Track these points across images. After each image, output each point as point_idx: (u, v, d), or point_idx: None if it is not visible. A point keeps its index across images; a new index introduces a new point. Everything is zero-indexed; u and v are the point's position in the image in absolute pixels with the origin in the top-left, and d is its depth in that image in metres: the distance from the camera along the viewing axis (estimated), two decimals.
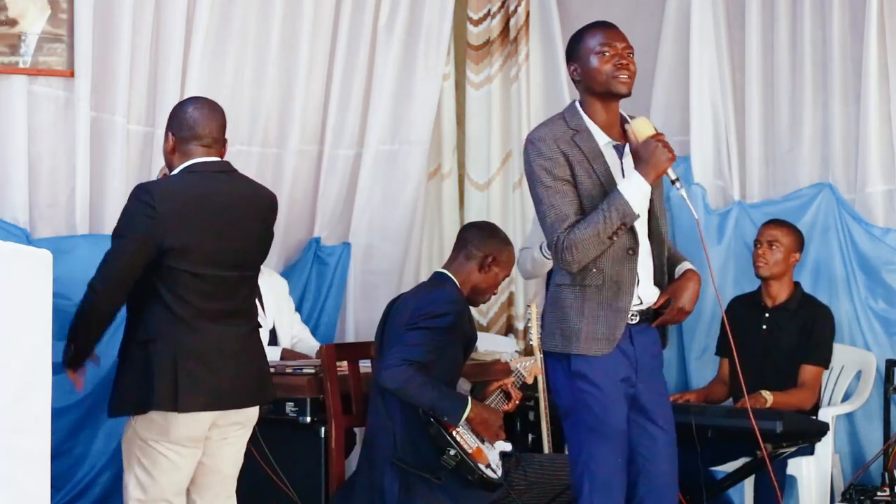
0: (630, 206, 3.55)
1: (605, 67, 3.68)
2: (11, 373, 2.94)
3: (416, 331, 4.12)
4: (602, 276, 3.61)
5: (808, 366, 5.05)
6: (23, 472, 2.95)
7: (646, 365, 3.70)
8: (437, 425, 4.07)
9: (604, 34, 3.74)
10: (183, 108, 3.88)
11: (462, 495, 4.13)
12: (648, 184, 3.58)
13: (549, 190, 3.62)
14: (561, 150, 3.63)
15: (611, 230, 3.55)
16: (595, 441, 3.62)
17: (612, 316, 3.61)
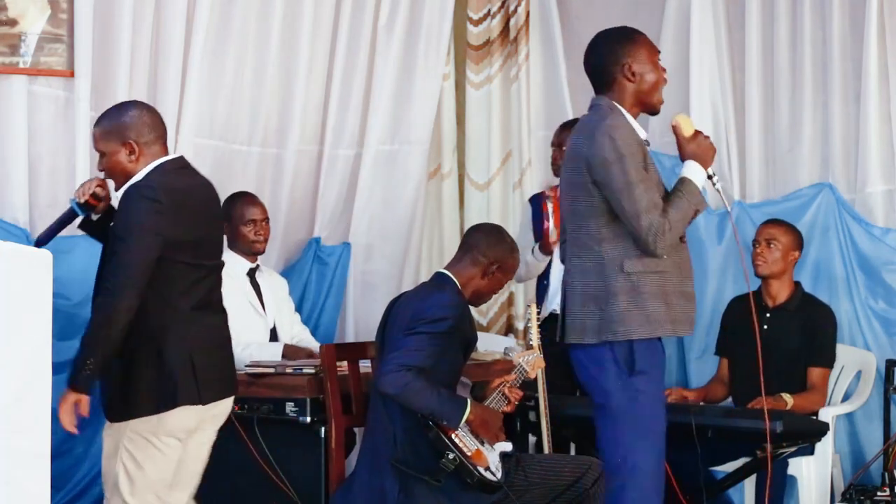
0: (702, 195, 3.81)
1: (661, 84, 3.90)
2: (11, 373, 2.93)
3: (415, 335, 4.11)
4: (668, 261, 3.79)
5: (816, 368, 5.06)
6: (23, 472, 2.95)
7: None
8: (435, 429, 4.07)
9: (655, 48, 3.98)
10: (129, 115, 3.86)
11: (462, 497, 4.12)
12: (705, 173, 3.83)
13: (641, 175, 3.76)
14: (637, 140, 3.80)
15: (691, 215, 3.79)
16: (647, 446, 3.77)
17: (684, 301, 3.82)
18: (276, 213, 5.66)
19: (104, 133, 3.85)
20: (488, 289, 4.35)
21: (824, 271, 5.52)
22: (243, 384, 4.57)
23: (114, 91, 5.12)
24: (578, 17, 6.32)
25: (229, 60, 5.50)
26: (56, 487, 4.63)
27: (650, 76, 3.85)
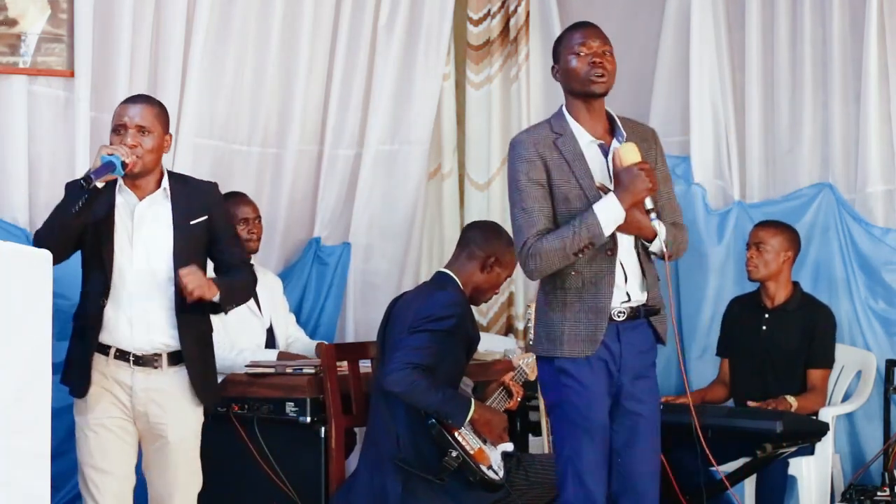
0: (600, 228, 3.58)
1: (581, 67, 3.71)
2: (11, 373, 2.94)
3: (419, 334, 4.11)
4: (581, 277, 3.65)
5: (816, 370, 5.06)
6: (23, 472, 2.95)
7: (631, 363, 3.71)
8: (439, 427, 4.07)
9: (580, 34, 3.78)
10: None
11: (464, 496, 4.13)
12: (623, 209, 3.59)
13: (522, 193, 3.66)
14: (539, 154, 3.67)
15: (577, 247, 3.59)
16: (577, 436, 3.66)
17: (594, 317, 3.65)
18: (275, 213, 5.67)
19: (158, 114, 3.91)
20: (488, 284, 4.35)
21: (824, 271, 5.52)
22: (243, 384, 4.58)
23: (114, 91, 5.12)
24: (578, 17, 6.26)
25: (229, 60, 5.50)
26: (56, 487, 4.63)
27: (570, 63, 3.70)
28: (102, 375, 3.89)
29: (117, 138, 3.84)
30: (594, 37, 3.76)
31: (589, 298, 3.65)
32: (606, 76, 3.71)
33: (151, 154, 3.85)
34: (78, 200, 3.69)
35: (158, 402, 3.88)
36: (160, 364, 3.87)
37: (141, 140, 3.83)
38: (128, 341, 3.86)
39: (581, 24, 3.84)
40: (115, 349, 3.87)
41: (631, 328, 3.71)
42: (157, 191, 3.90)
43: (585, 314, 3.65)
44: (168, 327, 3.87)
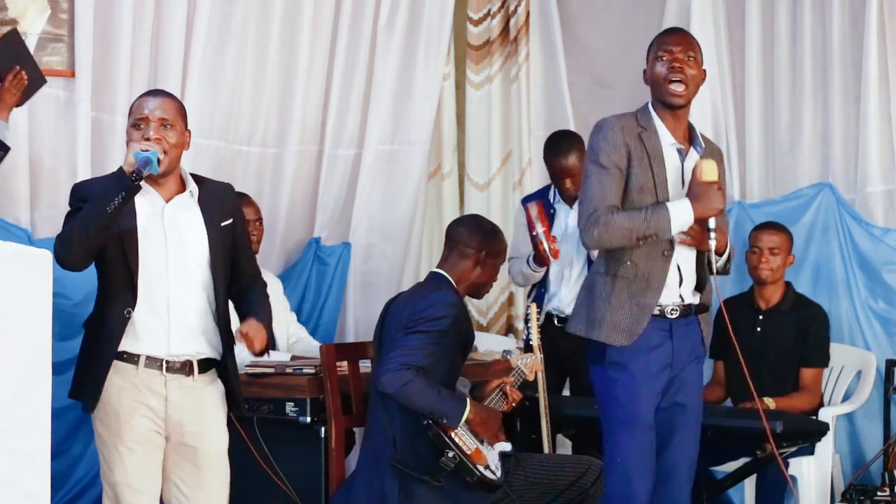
0: (669, 224, 3.66)
1: (660, 71, 3.76)
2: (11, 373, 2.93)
3: (414, 334, 4.11)
4: (635, 270, 3.73)
5: (808, 369, 5.06)
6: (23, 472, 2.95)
7: (682, 358, 3.81)
8: (435, 427, 4.07)
9: (664, 38, 3.83)
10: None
11: (462, 497, 4.12)
12: (693, 218, 3.67)
13: (602, 170, 3.73)
14: (624, 140, 3.74)
15: (642, 234, 3.67)
16: (622, 432, 3.75)
17: (637, 310, 3.73)
18: (275, 213, 5.67)
19: (179, 109, 3.72)
20: (486, 278, 4.35)
21: (824, 271, 5.52)
22: (243, 384, 4.58)
23: (114, 91, 5.13)
24: (578, 16, 6.32)
25: (229, 60, 5.50)
26: (56, 487, 4.64)
27: (653, 67, 3.78)
28: (133, 386, 3.61)
29: (138, 133, 3.60)
30: (677, 42, 3.80)
31: (637, 292, 3.73)
32: (685, 82, 3.76)
33: (175, 149, 3.64)
34: (112, 200, 3.45)
35: (193, 411, 3.67)
36: (192, 371, 3.66)
37: (164, 134, 3.61)
38: (163, 348, 3.62)
39: (671, 29, 3.92)
40: (144, 357, 3.61)
41: (684, 324, 3.80)
42: (184, 192, 3.69)
43: (630, 306, 3.73)
44: (203, 333, 3.67)
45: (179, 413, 3.65)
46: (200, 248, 3.67)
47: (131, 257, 3.58)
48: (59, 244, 3.54)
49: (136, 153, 3.48)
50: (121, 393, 3.60)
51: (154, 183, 3.64)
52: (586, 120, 6.18)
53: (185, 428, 3.67)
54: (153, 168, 3.49)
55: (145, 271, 3.60)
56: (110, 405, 3.61)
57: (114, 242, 3.57)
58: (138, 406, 3.61)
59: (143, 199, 3.62)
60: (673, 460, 3.79)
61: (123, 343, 3.60)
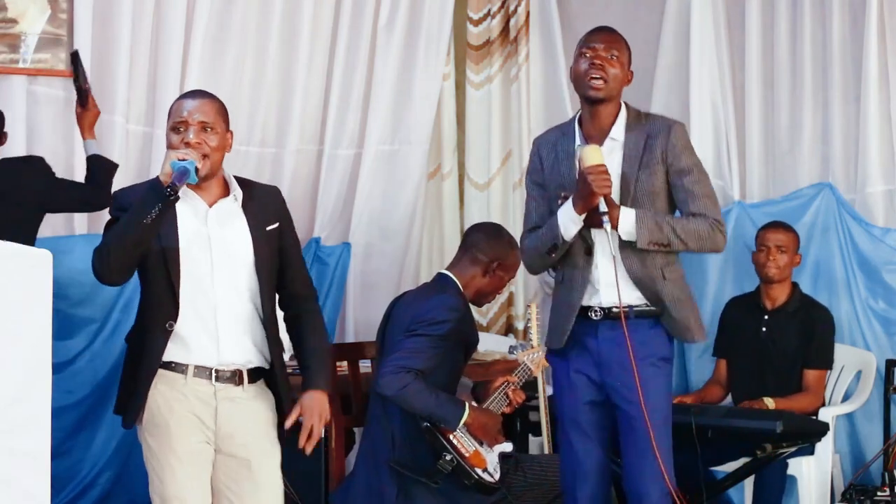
0: (559, 230, 3.73)
1: (580, 67, 3.78)
2: (11, 373, 2.93)
3: (416, 337, 4.11)
4: (561, 274, 3.86)
5: (812, 370, 5.05)
6: (23, 472, 2.95)
7: (614, 361, 3.75)
8: (433, 430, 4.07)
9: (590, 35, 3.82)
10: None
11: (460, 499, 4.12)
12: (577, 213, 3.69)
13: (526, 192, 3.95)
14: (539, 155, 3.88)
15: (545, 247, 3.78)
16: (560, 429, 3.88)
17: (567, 312, 3.82)
18: None
19: (220, 110, 3.57)
20: (491, 287, 4.36)
21: (824, 271, 5.52)
22: None
23: (113, 91, 5.13)
24: (578, 17, 6.32)
25: (229, 60, 5.50)
26: (56, 488, 4.64)
27: (576, 68, 3.78)
28: (183, 396, 3.48)
29: (177, 137, 3.45)
30: (601, 39, 3.78)
31: (564, 294, 3.83)
32: (604, 79, 3.73)
33: (217, 153, 3.50)
34: (149, 212, 3.30)
35: (243, 423, 3.53)
36: (241, 382, 3.53)
37: (205, 138, 3.46)
38: (212, 357, 3.49)
39: (597, 28, 3.88)
40: (193, 367, 3.49)
41: (612, 327, 3.75)
42: (227, 197, 3.55)
43: (562, 308, 3.83)
44: (252, 341, 3.54)
45: (229, 425, 3.52)
46: (245, 254, 3.54)
47: (172, 268, 3.46)
48: (96, 257, 3.40)
49: (173, 162, 3.34)
50: (171, 404, 3.48)
51: (196, 187, 3.50)
52: None
53: (236, 440, 3.53)
54: (191, 178, 3.35)
55: (189, 279, 3.47)
56: (160, 416, 3.48)
57: (154, 252, 3.44)
58: (189, 416, 3.49)
59: (184, 205, 3.49)
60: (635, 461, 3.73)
61: (171, 353, 3.48)
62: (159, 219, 3.34)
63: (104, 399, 4.85)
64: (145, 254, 3.43)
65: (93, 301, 4.99)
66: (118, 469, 5.05)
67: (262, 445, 3.57)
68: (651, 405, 3.71)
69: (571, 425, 3.81)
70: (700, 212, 3.76)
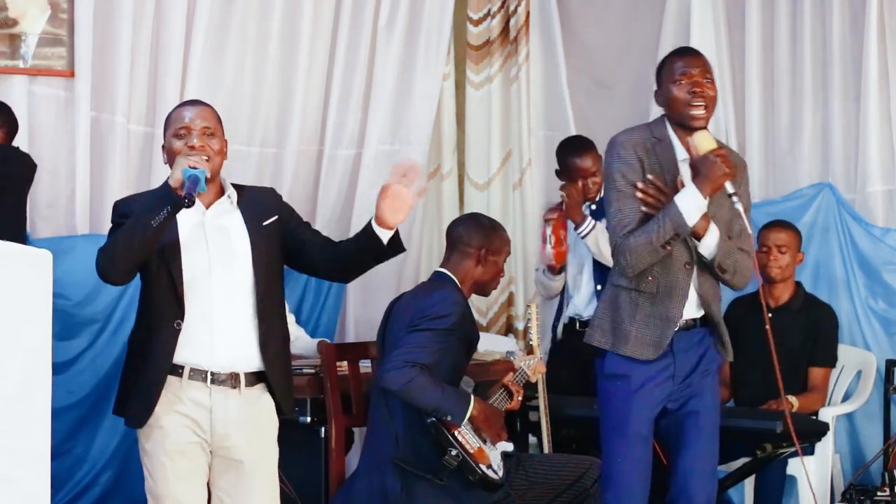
0: (683, 218, 3.62)
1: (681, 95, 3.71)
2: (11, 373, 2.93)
3: (419, 332, 4.11)
4: (657, 284, 3.72)
5: (817, 368, 5.06)
6: (23, 472, 2.95)
7: (684, 369, 3.77)
8: (438, 425, 4.07)
9: (682, 60, 3.77)
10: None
11: (463, 496, 4.12)
12: (703, 197, 3.63)
13: (619, 193, 3.72)
14: (638, 156, 3.72)
15: (663, 239, 3.63)
16: (615, 441, 3.75)
17: (662, 324, 3.72)
18: None
19: (218, 117, 3.64)
20: (490, 275, 4.34)
21: (824, 271, 5.52)
22: None
23: (114, 91, 5.13)
24: (578, 17, 6.32)
25: (229, 60, 5.50)
26: (56, 487, 4.64)
27: (671, 91, 3.73)
28: (177, 398, 3.50)
29: (181, 142, 3.51)
30: (695, 64, 3.75)
31: (661, 306, 3.72)
32: (707, 105, 3.71)
33: (218, 157, 3.57)
34: (157, 214, 3.36)
35: (239, 424, 3.54)
36: (238, 384, 3.53)
37: (208, 142, 3.53)
38: (207, 358, 3.51)
39: (683, 50, 3.86)
40: (189, 368, 3.51)
41: (687, 337, 3.77)
42: (222, 198, 3.61)
43: (655, 320, 3.71)
44: (250, 341, 3.55)
45: (224, 426, 3.53)
46: (243, 252, 3.57)
47: (174, 269, 3.50)
48: (102, 258, 3.45)
49: (185, 170, 3.37)
50: (166, 405, 3.50)
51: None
52: (586, 120, 6.19)
53: (231, 441, 3.54)
54: (201, 186, 3.39)
55: (188, 280, 3.51)
56: (155, 417, 3.50)
57: (156, 255, 3.49)
58: (182, 418, 3.50)
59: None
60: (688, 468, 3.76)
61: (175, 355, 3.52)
62: (167, 222, 3.39)
63: (105, 399, 4.85)
64: (149, 257, 3.46)
65: (94, 301, 4.99)
66: (118, 469, 5.05)
67: (259, 448, 3.59)
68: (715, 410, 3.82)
69: (637, 435, 3.74)
70: (746, 250, 3.81)
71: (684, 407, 3.78)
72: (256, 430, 3.58)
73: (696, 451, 3.77)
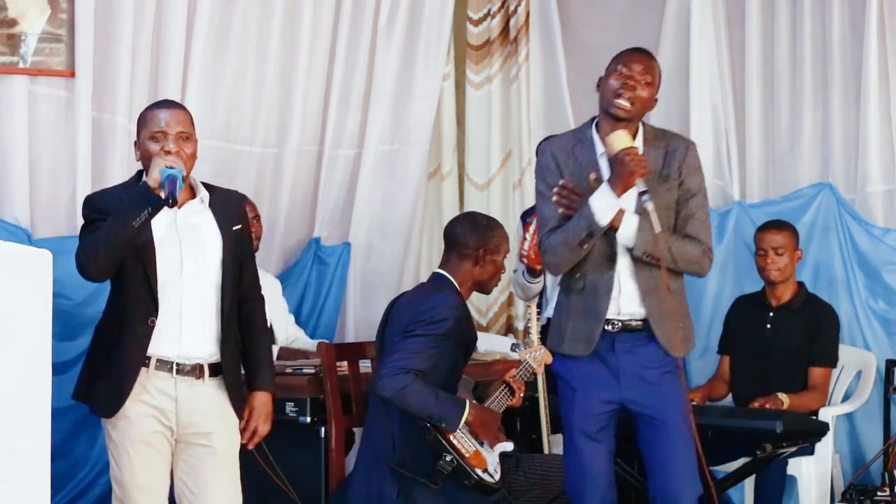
0: (594, 217, 3.69)
1: (611, 84, 3.80)
2: (11, 373, 2.93)
3: (414, 337, 4.11)
4: (583, 281, 3.81)
5: (817, 368, 5.06)
6: (23, 472, 2.95)
7: (631, 371, 3.79)
8: (434, 431, 4.06)
9: (629, 56, 3.87)
10: None
11: (461, 499, 4.11)
12: (616, 196, 3.68)
13: (540, 196, 3.89)
14: (555, 159, 3.85)
15: (578, 238, 3.72)
16: (566, 437, 3.88)
17: (592, 320, 3.79)
18: (275, 214, 5.67)
19: (192, 120, 3.74)
20: (489, 274, 4.34)
21: (824, 271, 5.52)
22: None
23: (114, 91, 5.13)
24: (578, 17, 6.32)
25: (230, 60, 5.50)
26: (56, 488, 4.64)
27: (606, 80, 3.82)
28: (143, 388, 3.63)
29: (157, 146, 3.62)
30: (638, 61, 3.85)
31: (589, 301, 3.80)
32: (633, 100, 3.78)
33: (192, 160, 3.68)
34: (138, 214, 3.50)
35: (203, 412, 3.68)
36: (202, 375, 3.68)
37: (183, 147, 3.63)
38: (174, 351, 3.65)
39: (634, 49, 3.93)
40: (155, 359, 3.64)
41: (628, 340, 3.80)
42: (194, 199, 3.73)
43: (584, 316, 3.80)
44: (214, 337, 3.70)
45: (189, 414, 3.67)
46: (214, 252, 3.71)
47: (149, 266, 3.63)
48: (82, 256, 3.59)
49: (162, 170, 3.50)
50: (132, 395, 3.63)
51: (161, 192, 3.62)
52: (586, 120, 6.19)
53: (195, 428, 3.68)
54: (180, 185, 3.53)
55: (162, 277, 3.64)
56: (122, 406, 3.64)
57: (131, 252, 3.60)
58: (147, 408, 3.64)
59: None
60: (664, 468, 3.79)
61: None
62: (147, 222, 3.53)
63: None
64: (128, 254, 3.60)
65: (95, 301, 4.97)
66: None
67: (220, 434, 3.73)
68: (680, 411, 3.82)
69: (580, 432, 3.81)
70: (696, 235, 3.83)
71: (649, 412, 3.80)
72: (220, 417, 3.73)
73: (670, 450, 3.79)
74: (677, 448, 3.80)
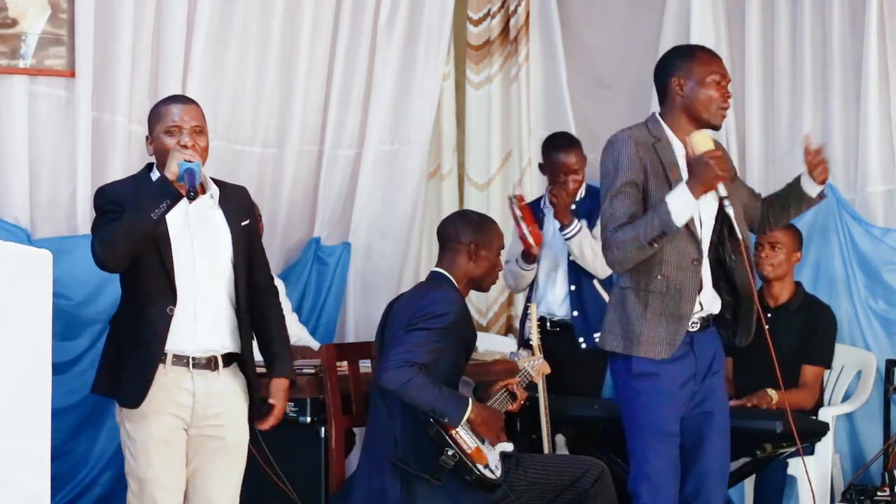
0: (671, 217, 3.62)
1: (716, 97, 3.76)
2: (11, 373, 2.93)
3: (417, 331, 4.11)
4: (666, 283, 3.71)
5: (809, 366, 5.06)
6: (23, 472, 2.95)
7: (705, 367, 3.81)
8: (436, 426, 4.07)
9: (718, 65, 3.82)
10: None
11: (463, 496, 4.12)
12: (694, 198, 3.63)
13: (613, 189, 3.72)
14: (639, 154, 3.72)
15: (650, 237, 3.64)
16: (649, 440, 3.76)
17: (674, 322, 3.72)
18: (275, 213, 5.67)
19: (204, 115, 3.79)
20: (483, 270, 4.34)
21: (824, 271, 5.52)
22: None
23: (114, 91, 5.13)
24: (578, 17, 6.32)
25: (230, 60, 5.50)
26: (56, 488, 4.64)
27: (707, 89, 3.75)
28: (161, 384, 3.66)
29: (172, 139, 3.67)
30: (726, 70, 3.84)
31: (671, 304, 3.71)
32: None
33: (205, 154, 3.74)
34: (157, 207, 3.54)
35: (217, 404, 3.74)
36: (217, 367, 3.73)
37: (198, 140, 3.70)
38: (190, 345, 3.69)
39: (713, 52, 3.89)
40: (172, 355, 3.68)
41: (704, 336, 3.81)
42: (205, 194, 3.76)
43: (666, 319, 3.72)
44: (228, 328, 3.76)
45: (205, 407, 3.72)
46: (224, 246, 3.77)
47: (166, 258, 3.67)
48: (100, 247, 3.61)
49: (181, 163, 3.56)
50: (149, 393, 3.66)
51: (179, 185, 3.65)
52: (586, 120, 6.19)
53: (209, 421, 3.74)
54: (197, 179, 3.59)
55: (176, 269, 3.68)
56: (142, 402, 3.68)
57: (148, 244, 3.64)
58: (167, 404, 3.68)
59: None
60: (705, 468, 3.79)
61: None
62: (165, 214, 3.57)
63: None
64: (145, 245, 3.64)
65: (96, 301, 4.99)
66: (118, 469, 5.02)
67: (233, 425, 3.78)
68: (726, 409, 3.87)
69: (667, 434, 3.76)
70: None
71: (700, 407, 3.80)
72: (231, 407, 3.77)
73: (713, 451, 3.80)
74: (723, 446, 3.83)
